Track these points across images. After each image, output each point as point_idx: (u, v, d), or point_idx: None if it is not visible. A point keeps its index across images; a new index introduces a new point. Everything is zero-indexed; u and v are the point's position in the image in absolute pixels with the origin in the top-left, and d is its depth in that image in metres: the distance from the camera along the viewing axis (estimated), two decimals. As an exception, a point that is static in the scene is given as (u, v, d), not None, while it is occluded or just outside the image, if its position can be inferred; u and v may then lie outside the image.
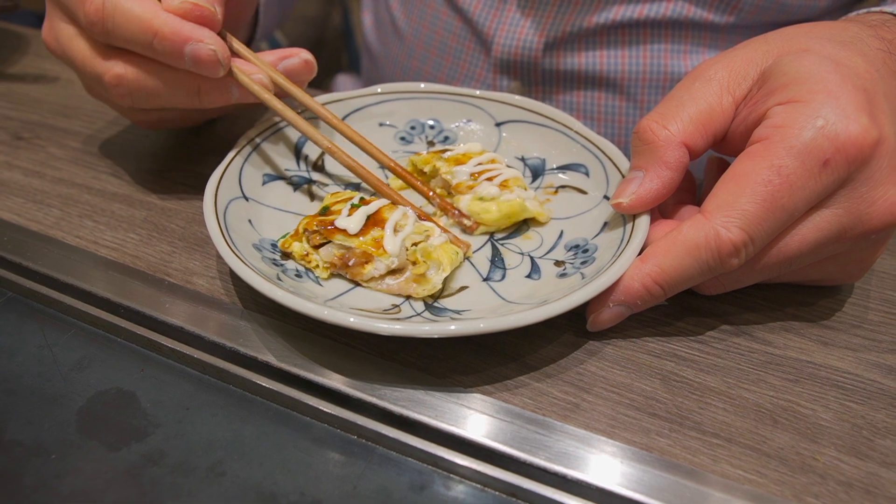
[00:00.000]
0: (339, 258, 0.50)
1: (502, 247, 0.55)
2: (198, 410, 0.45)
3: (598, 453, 0.42)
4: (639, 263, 0.46)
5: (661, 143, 0.48)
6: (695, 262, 0.45)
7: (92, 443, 0.43)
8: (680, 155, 0.48)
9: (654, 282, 0.46)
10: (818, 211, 0.45)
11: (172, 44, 0.50)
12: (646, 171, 0.49)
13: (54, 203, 0.61)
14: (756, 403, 0.45)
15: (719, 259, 0.44)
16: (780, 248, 0.46)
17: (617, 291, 0.46)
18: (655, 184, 0.48)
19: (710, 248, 0.44)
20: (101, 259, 0.55)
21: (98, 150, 0.68)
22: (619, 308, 0.47)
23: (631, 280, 0.46)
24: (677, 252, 0.45)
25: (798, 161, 0.43)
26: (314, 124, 0.60)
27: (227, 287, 0.52)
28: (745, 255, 0.44)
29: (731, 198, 0.44)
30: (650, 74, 0.81)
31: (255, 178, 0.57)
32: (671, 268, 0.45)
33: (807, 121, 0.44)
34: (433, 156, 0.60)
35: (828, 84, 0.44)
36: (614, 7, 0.78)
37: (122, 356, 0.49)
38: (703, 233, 0.44)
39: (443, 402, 0.44)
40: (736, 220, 0.43)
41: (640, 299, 0.46)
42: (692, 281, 0.46)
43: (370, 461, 0.43)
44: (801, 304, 0.52)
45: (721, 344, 0.49)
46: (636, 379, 0.46)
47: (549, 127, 0.63)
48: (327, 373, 0.46)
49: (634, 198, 0.49)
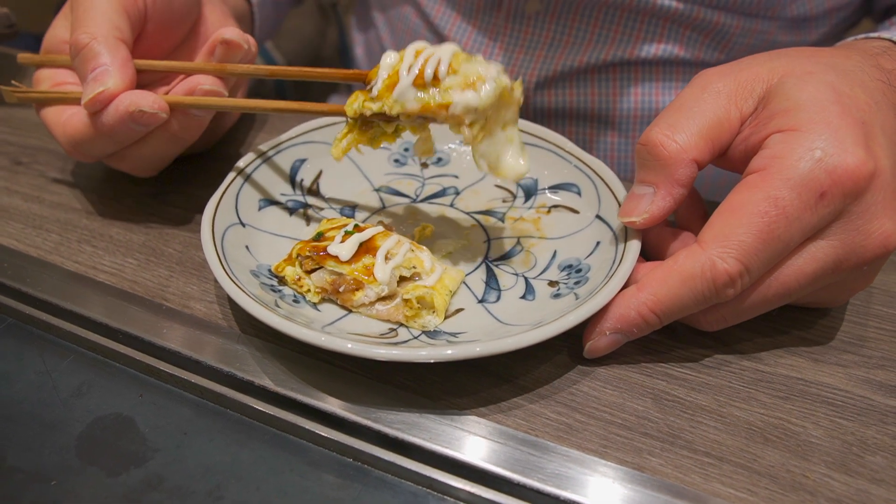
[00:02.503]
0: (330, 284, 0.51)
1: (497, 268, 0.56)
2: (196, 435, 0.46)
3: (591, 474, 0.42)
4: (635, 292, 0.47)
5: (672, 160, 0.47)
6: (690, 292, 0.45)
7: (92, 468, 0.44)
8: (691, 172, 0.48)
9: (649, 310, 0.46)
10: (814, 242, 0.45)
11: (111, 129, 0.54)
12: (657, 187, 0.48)
13: (53, 228, 0.62)
14: (747, 421, 0.45)
15: (715, 289, 0.45)
16: (778, 279, 0.46)
17: (613, 320, 0.47)
18: (668, 202, 0.48)
19: (705, 279, 0.44)
20: (100, 284, 0.55)
21: (97, 174, 0.69)
22: (616, 336, 0.48)
23: (627, 308, 0.46)
24: (673, 281, 0.45)
25: (795, 193, 0.43)
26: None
27: (224, 311, 0.53)
28: (741, 286, 0.45)
29: (728, 229, 0.44)
30: (642, 111, 0.81)
31: (251, 203, 0.58)
32: (667, 297, 0.46)
33: (804, 152, 0.44)
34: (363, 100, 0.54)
35: (827, 114, 0.45)
36: (605, 48, 0.79)
37: (121, 381, 0.50)
38: (699, 263, 0.44)
39: (437, 424, 0.45)
40: (732, 251, 0.44)
41: (636, 327, 0.47)
42: (687, 310, 0.46)
43: (366, 484, 0.43)
44: (792, 321, 0.53)
45: (712, 362, 0.49)
46: (628, 398, 0.47)
47: (542, 147, 0.63)
48: (323, 396, 0.46)
49: (647, 217, 0.49)
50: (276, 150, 0.62)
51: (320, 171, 0.64)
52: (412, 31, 0.91)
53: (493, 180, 0.65)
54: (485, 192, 0.64)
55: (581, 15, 0.79)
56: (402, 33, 0.93)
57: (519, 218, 0.61)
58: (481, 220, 0.61)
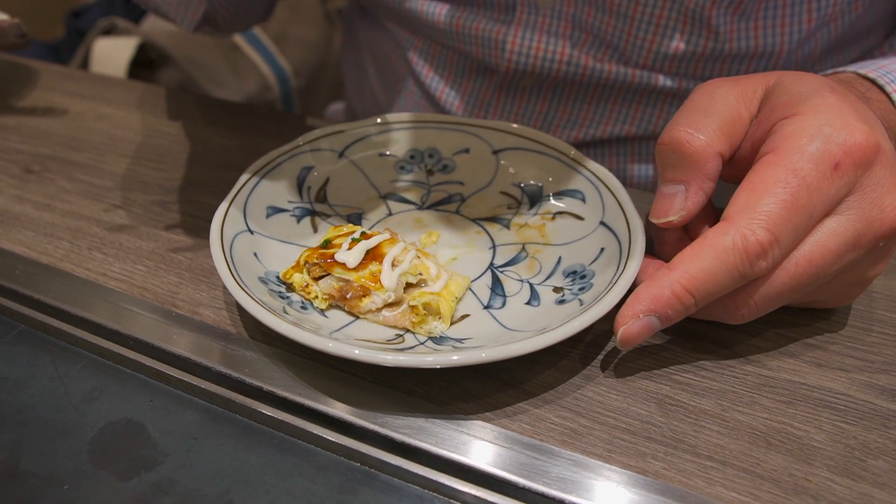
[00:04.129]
0: (337, 290, 0.52)
1: (502, 274, 0.56)
2: (205, 440, 0.46)
3: (595, 478, 0.43)
4: (666, 272, 0.46)
5: (699, 155, 0.48)
6: (724, 266, 0.45)
7: (103, 472, 0.44)
8: (718, 165, 0.48)
9: (683, 288, 0.45)
10: (832, 218, 0.46)
11: None
12: (688, 184, 0.49)
13: (64, 236, 0.62)
14: (750, 426, 0.46)
15: (748, 261, 0.44)
16: (804, 256, 0.46)
17: (647, 301, 0.46)
18: (701, 197, 0.49)
19: (738, 251, 0.44)
20: (110, 291, 0.56)
21: (106, 182, 0.70)
22: (650, 319, 0.46)
23: (660, 288, 0.45)
24: (705, 257, 0.45)
25: (811, 164, 0.44)
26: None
27: (233, 318, 0.53)
28: (772, 258, 0.45)
29: (753, 202, 0.45)
30: (638, 181, 0.83)
31: (259, 211, 0.58)
32: (700, 272, 0.45)
33: (814, 130, 0.45)
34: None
35: (827, 100, 0.46)
36: (601, 125, 0.79)
37: (132, 387, 0.50)
38: (729, 236, 0.44)
39: (444, 429, 0.45)
40: (761, 222, 0.44)
41: (671, 308, 0.46)
42: (721, 287, 0.46)
43: (373, 487, 0.44)
44: (795, 325, 0.53)
45: (715, 367, 0.50)
46: (632, 403, 0.47)
47: (546, 154, 0.63)
48: (331, 401, 0.47)
49: (685, 213, 0.49)
50: (284, 159, 0.62)
51: (327, 178, 0.64)
52: (403, 90, 0.89)
53: (497, 187, 0.65)
54: (490, 198, 0.64)
55: (576, 95, 0.79)
56: (392, 90, 0.91)
57: (524, 224, 0.61)
58: (487, 227, 0.61)
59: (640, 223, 0.54)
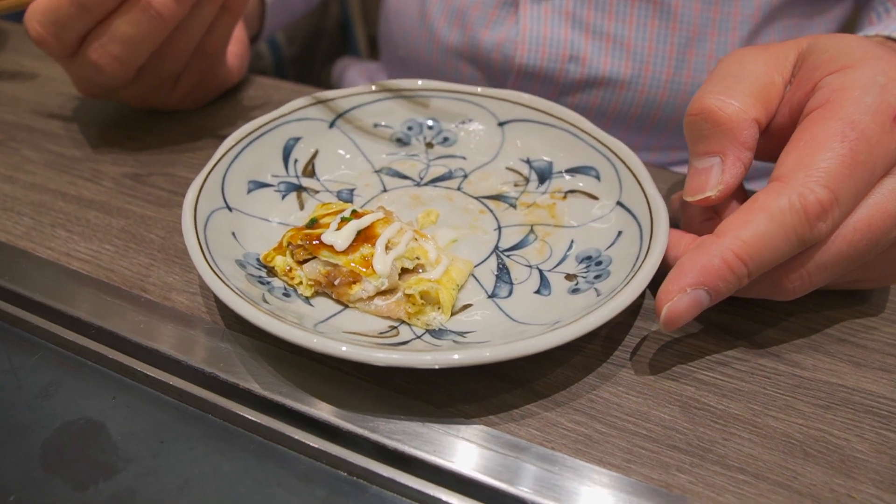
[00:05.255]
0: (324, 276, 0.47)
1: (508, 259, 0.51)
2: (173, 443, 0.42)
3: (614, 492, 0.38)
4: (714, 239, 0.41)
5: (733, 122, 0.44)
6: (780, 230, 0.40)
7: (56, 481, 0.40)
8: (755, 133, 0.45)
9: (735, 256, 0.40)
10: (889, 177, 0.42)
11: None
12: (723, 155, 0.45)
13: (25, 211, 0.57)
14: (784, 433, 0.41)
15: (808, 223, 0.40)
16: (863, 219, 0.42)
17: (695, 272, 0.41)
18: (739, 168, 0.45)
19: (795, 212, 0.40)
20: (73, 273, 0.51)
21: (76, 153, 0.65)
22: (699, 293, 0.41)
23: (710, 257, 0.40)
24: (759, 220, 0.40)
25: (869, 117, 0.41)
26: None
27: (208, 304, 0.49)
28: (832, 220, 0.40)
29: (808, 159, 0.41)
30: None
31: (240, 185, 0.54)
32: (754, 238, 0.40)
33: (868, 81, 0.42)
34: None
35: (873, 53, 0.44)
36: None
37: (93, 382, 0.45)
38: (784, 197, 0.40)
39: (442, 434, 0.41)
40: (819, 179, 0.40)
41: (722, 279, 0.41)
42: (778, 254, 0.41)
43: (361, 501, 0.39)
44: (829, 320, 0.48)
45: (745, 366, 0.45)
46: (653, 406, 0.43)
47: (557, 127, 0.59)
48: (315, 402, 0.42)
49: (723, 188, 0.45)
50: (268, 128, 0.57)
51: (316, 150, 0.59)
52: None
53: (503, 162, 0.60)
54: (495, 175, 0.59)
55: None
56: None
57: (532, 204, 0.56)
58: (491, 206, 0.56)
59: (663, 203, 0.49)
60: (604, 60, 0.77)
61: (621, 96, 0.79)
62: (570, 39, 0.77)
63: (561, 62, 0.77)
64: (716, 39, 0.77)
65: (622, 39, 0.77)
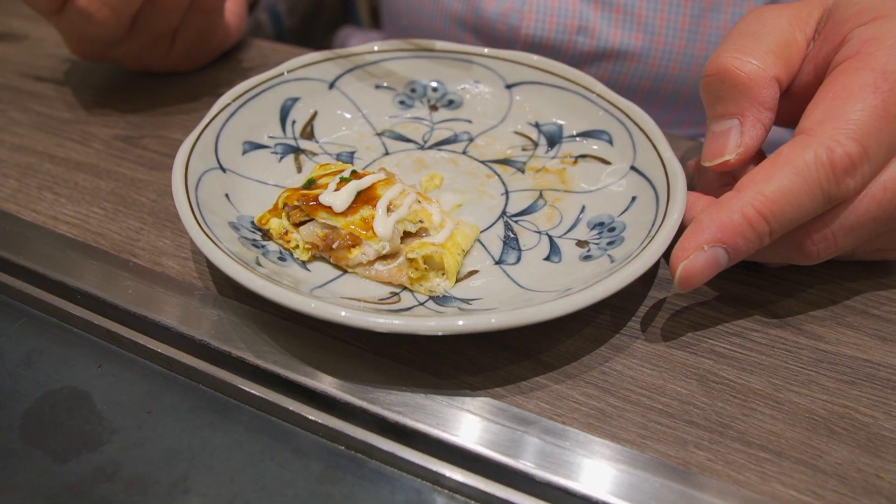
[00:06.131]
0: (321, 239, 0.44)
1: (516, 224, 0.49)
2: (161, 414, 0.40)
3: (628, 469, 0.36)
4: (734, 194, 0.39)
5: (752, 81, 0.42)
6: (805, 184, 0.38)
7: (36, 452, 0.38)
8: (775, 92, 0.43)
9: (756, 212, 0.38)
10: None
11: None
12: (742, 116, 0.43)
13: (11, 173, 0.55)
14: (808, 409, 0.39)
15: (834, 178, 0.38)
16: (892, 177, 0.39)
17: (714, 228, 0.38)
18: (759, 130, 0.43)
19: (821, 166, 0.37)
20: (60, 237, 0.49)
21: (66, 115, 0.62)
22: (717, 251, 0.39)
23: (729, 212, 0.38)
24: (782, 175, 0.38)
25: None
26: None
27: (200, 270, 0.46)
28: (861, 177, 0.38)
29: (836, 110, 0.38)
30: None
31: (235, 146, 0.51)
32: (777, 193, 0.38)
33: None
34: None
35: None
36: None
37: (78, 349, 0.43)
38: (810, 150, 0.38)
39: (446, 407, 0.39)
40: (848, 132, 0.38)
41: (742, 237, 0.38)
42: (802, 211, 0.39)
43: (360, 476, 0.37)
44: (851, 291, 0.46)
45: (764, 338, 0.43)
46: (669, 380, 0.40)
47: (567, 89, 0.56)
48: (312, 372, 0.40)
49: (743, 150, 0.43)
50: (265, 87, 0.55)
51: (315, 111, 0.57)
52: None
53: (511, 126, 0.57)
54: (502, 138, 0.57)
55: None
56: None
57: (541, 168, 0.53)
58: (498, 170, 0.54)
59: (680, 167, 0.47)
60: (614, 32, 0.74)
61: (631, 69, 0.76)
62: (578, 9, 0.74)
63: (569, 33, 0.74)
64: (730, 10, 0.73)
65: (633, 10, 0.73)
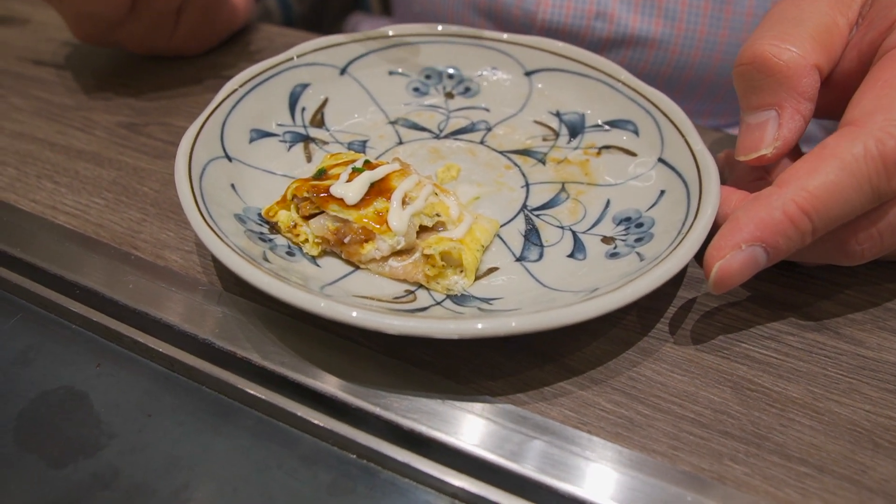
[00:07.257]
0: (332, 233, 0.42)
1: (538, 219, 0.47)
2: (161, 417, 0.38)
3: (659, 484, 0.34)
4: (775, 190, 0.37)
5: (791, 70, 0.40)
6: (853, 180, 0.35)
7: (31, 457, 0.36)
8: (814, 80, 0.41)
9: (799, 209, 0.36)
10: None
11: None
12: (780, 108, 0.41)
13: (10, 161, 0.53)
14: (850, 420, 0.37)
15: (885, 173, 0.35)
16: None
17: (752, 226, 0.36)
18: (798, 122, 0.41)
19: (871, 160, 0.35)
20: (59, 227, 0.47)
21: (67, 101, 0.60)
22: (755, 250, 0.36)
23: (770, 209, 0.36)
24: (828, 169, 0.35)
25: None
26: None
27: (204, 264, 0.45)
28: None
29: (886, 100, 0.36)
30: None
31: (241, 134, 0.49)
32: (822, 189, 0.35)
33: None
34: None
35: None
36: None
37: (76, 348, 0.42)
38: (859, 143, 0.35)
39: (464, 414, 0.37)
40: None
41: (783, 235, 0.36)
42: (848, 208, 0.36)
43: (372, 487, 0.36)
44: (893, 294, 0.44)
45: (801, 343, 0.41)
46: (701, 386, 0.38)
47: (590, 77, 0.54)
48: (321, 374, 0.38)
49: (781, 144, 0.41)
50: (273, 73, 0.53)
51: (325, 98, 0.55)
52: None
53: (530, 115, 0.55)
54: (521, 128, 0.55)
55: None
56: None
57: (563, 160, 0.51)
58: (518, 161, 0.51)
59: (712, 160, 0.44)
60: (633, 17, 0.71)
61: (651, 56, 0.73)
62: None
63: (587, 19, 0.72)
64: None
65: None
